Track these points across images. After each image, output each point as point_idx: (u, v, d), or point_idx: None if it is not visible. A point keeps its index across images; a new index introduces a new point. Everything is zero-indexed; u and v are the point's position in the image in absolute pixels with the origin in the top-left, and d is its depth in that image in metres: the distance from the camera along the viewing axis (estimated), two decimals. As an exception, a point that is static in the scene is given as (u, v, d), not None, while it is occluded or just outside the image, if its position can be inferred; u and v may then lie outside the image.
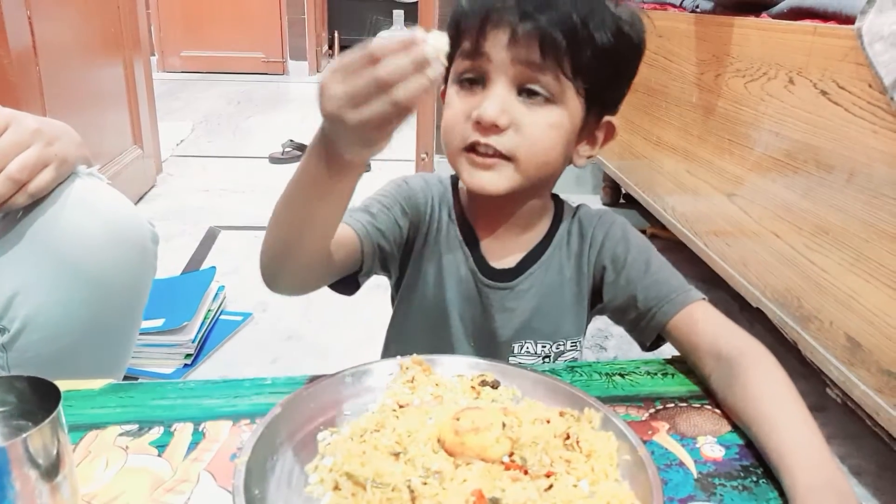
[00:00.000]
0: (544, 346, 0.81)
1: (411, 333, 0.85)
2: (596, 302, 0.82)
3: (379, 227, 0.75)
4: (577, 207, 0.84)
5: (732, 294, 1.62)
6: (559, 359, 0.81)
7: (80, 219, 0.82)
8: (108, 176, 0.94)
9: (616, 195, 2.72)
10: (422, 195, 0.80)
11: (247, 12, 5.35)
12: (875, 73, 1.04)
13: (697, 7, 1.79)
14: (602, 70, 0.70)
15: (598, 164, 2.69)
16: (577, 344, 0.82)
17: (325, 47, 6.09)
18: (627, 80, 0.75)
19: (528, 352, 0.80)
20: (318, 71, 5.71)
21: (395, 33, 0.65)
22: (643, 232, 2.39)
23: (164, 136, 2.93)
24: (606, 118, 0.75)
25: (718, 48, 1.64)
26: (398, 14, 3.95)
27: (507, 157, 0.70)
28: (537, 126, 0.69)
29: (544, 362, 0.80)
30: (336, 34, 6.26)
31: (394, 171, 3.37)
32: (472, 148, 0.70)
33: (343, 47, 6.33)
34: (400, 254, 0.81)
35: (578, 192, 2.81)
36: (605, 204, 2.73)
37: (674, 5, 1.97)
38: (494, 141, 0.69)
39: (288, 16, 5.42)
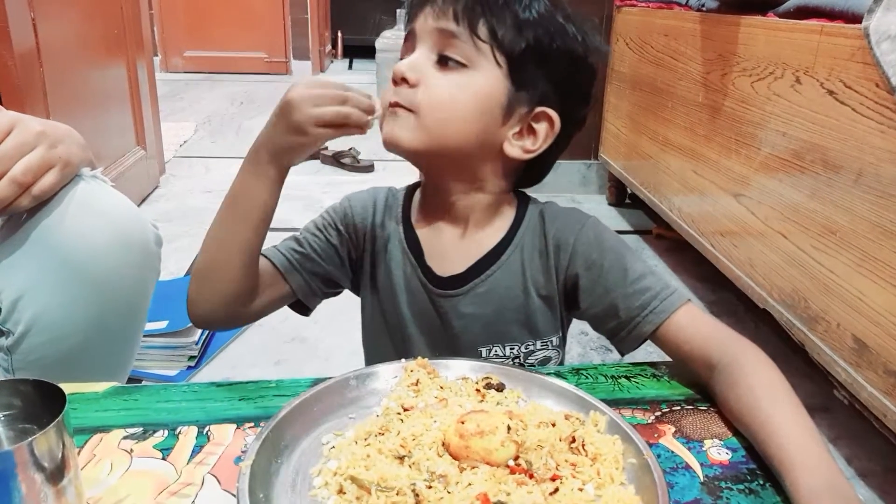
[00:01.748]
0: (512, 349, 0.78)
1: (378, 347, 0.85)
2: (571, 306, 0.79)
3: (305, 253, 0.78)
4: (544, 204, 0.81)
5: (739, 295, 1.61)
6: (530, 358, 0.79)
7: (83, 221, 0.81)
8: (111, 177, 0.95)
9: (621, 195, 2.71)
10: (361, 212, 0.81)
11: (250, 12, 5.36)
12: (882, 73, 1.04)
13: (703, 6, 1.79)
14: (525, 45, 0.70)
15: (604, 164, 2.68)
16: (550, 343, 0.79)
17: (329, 47, 6.10)
18: (567, 76, 0.73)
19: (497, 354, 0.78)
20: (321, 70, 5.72)
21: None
22: (648, 232, 2.38)
23: (167, 136, 2.94)
24: (541, 108, 0.73)
25: (724, 47, 1.64)
26: (402, 13, 3.95)
27: (409, 109, 0.71)
28: (443, 85, 0.70)
29: (514, 363, 0.77)
30: (339, 34, 6.27)
31: (397, 170, 3.34)
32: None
33: (346, 47, 6.34)
34: (348, 273, 0.82)
35: (584, 192, 2.80)
36: (610, 204, 2.72)
37: (680, 4, 1.97)
38: (403, 94, 0.70)
39: (291, 15, 5.43)
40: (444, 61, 0.71)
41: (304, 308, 0.82)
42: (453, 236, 0.79)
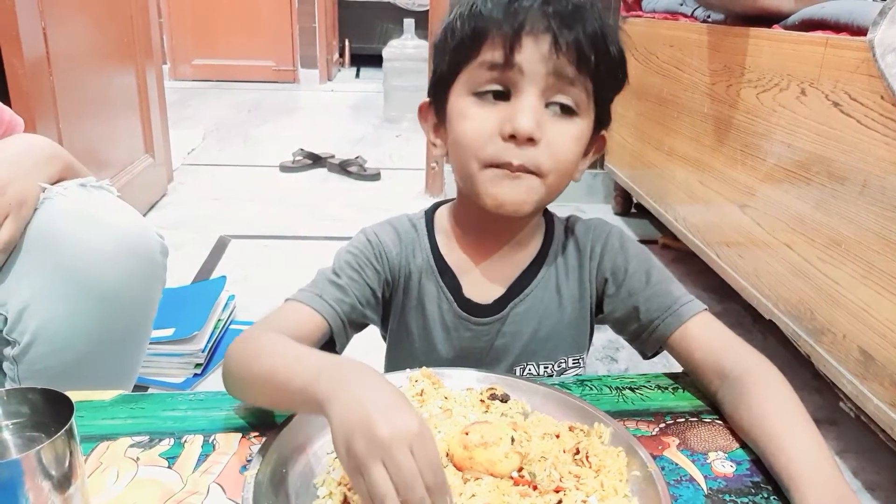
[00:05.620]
0: (546, 367, 0.79)
1: None
2: (597, 311, 0.80)
3: (349, 301, 0.72)
4: (567, 219, 0.81)
5: (745, 305, 1.61)
6: (562, 376, 0.80)
7: (88, 232, 0.82)
8: (120, 185, 0.95)
9: (627, 205, 2.71)
10: (394, 248, 0.76)
11: (258, 21, 5.38)
12: (887, 85, 1.04)
13: (709, 17, 1.79)
14: (611, 84, 0.70)
15: (610, 174, 2.68)
16: (581, 361, 0.81)
17: (336, 55, 6.12)
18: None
19: (531, 373, 0.78)
20: (328, 79, 5.73)
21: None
22: (654, 242, 2.38)
23: (175, 144, 2.95)
24: (602, 132, 0.74)
25: (730, 59, 1.64)
26: (409, 23, 3.96)
27: (534, 173, 0.67)
28: (564, 138, 0.67)
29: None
30: (347, 42, 6.30)
31: (404, 179, 3.33)
32: (501, 164, 0.66)
33: (353, 55, 6.37)
34: (380, 313, 0.78)
35: (590, 201, 2.80)
36: (616, 213, 2.72)
37: (686, 15, 1.97)
38: (529, 156, 0.65)
39: (299, 24, 5.45)
40: (553, 105, 0.66)
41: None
42: (492, 259, 0.77)
